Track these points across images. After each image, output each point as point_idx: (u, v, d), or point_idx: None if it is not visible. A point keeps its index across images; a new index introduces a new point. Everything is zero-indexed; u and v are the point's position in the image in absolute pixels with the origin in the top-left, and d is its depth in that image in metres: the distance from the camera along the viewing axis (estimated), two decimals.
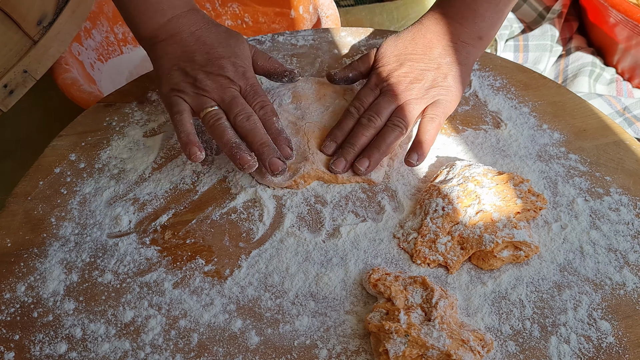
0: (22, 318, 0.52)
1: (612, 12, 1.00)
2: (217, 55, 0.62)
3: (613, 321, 0.51)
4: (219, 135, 0.59)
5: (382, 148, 0.61)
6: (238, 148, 0.58)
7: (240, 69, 0.62)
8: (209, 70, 0.61)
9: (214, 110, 0.60)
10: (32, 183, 0.62)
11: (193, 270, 0.55)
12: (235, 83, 0.61)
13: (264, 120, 0.61)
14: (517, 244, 0.54)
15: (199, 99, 0.60)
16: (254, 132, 0.59)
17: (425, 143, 0.61)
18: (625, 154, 0.64)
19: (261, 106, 0.62)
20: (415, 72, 0.63)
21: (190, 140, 0.58)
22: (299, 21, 1.07)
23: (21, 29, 0.78)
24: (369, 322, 0.49)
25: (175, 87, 0.61)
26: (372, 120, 0.62)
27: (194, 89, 0.61)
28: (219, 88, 0.61)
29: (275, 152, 0.59)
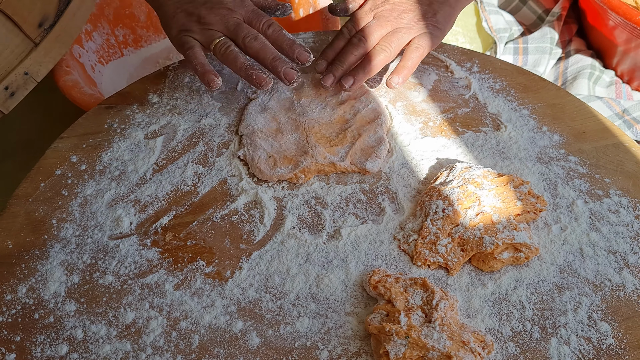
0: (24, 319, 0.52)
1: (611, 15, 1.00)
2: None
3: (613, 323, 0.51)
4: (232, 60, 0.63)
5: (367, 68, 0.65)
6: (252, 69, 0.62)
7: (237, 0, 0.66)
8: (209, 6, 0.65)
9: (222, 40, 0.64)
10: (33, 185, 0.62)
11: (194, 271, 0.55)
12: (236, 12, 0.65)
13: (273, 37, 0.64)
14: (517, 246, 0.54)
15: (206, 33, 0.64)
16: (264, 50, 0.63)
17: (407, 68, 0.66)
18: (625, 156, 0.65)
19: (268, 25, 0.65)
20: (409, 3, 0.67)
21: (206, 69, 0.62)
22: (300, 23, 1.08)
23: (22, 32, 0.78)
24: (370, 324, 0.49)
25: (183, 28, 0.65)
26: (362, 41, 0.66)
27: (199, 26, 0.64)
28: (222, 19, 0.64)
29: (287, 63, 0.62)
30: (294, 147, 0.64)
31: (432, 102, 0.71)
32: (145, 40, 1.11)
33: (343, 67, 0.66)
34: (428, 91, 0.72)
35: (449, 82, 0.73)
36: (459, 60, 0.76)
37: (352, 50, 0.66)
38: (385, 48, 0.66)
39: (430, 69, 0.75)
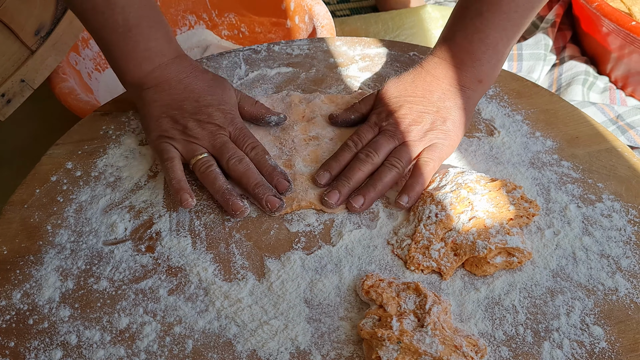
0: (18, 325, 0.52)
1: (605, 22, 1.01)
2: (205, 104, 0.63)
3: (605, 326, 0.51)
4: (211, 182, 0.60)
5: (378, 187, 0.60)
6: (230, 194, 0.59)
7: (228, 116, 0.63)
8: (198, 118, 0.62)
9: (205, 158, 0.61)
10: (29, 191, 0.62)
11: (188, 277, 0.55)
12: (225, 129, 0.62)
13: (256, 161, 0.62)
14: (510, 250, 0.54)
15: (189, 146, 0.61)
16: (248, 174, 0.60)
17: (417, 186, 0.60)
18: (618, 161, 0.65)
19: (252, 147, 0.62)
20: (414, 114, 0.63)
21: (181, 187, 0.59)
22: (295, 31, 1.08)
23: (19, 39, 0.79)
24: (362, 329, 0.49)
25: (165, 134, 0.62)
26: (370, 156, 0.61)
27: (184, 136, 0.62)
28: (209, 135, 0.62)
29: (270, 190, 0.59)
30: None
31: None
32: None
33: (350, 184, 0.60)
34: None
35: None
36: None
37: (359, 167, 0.61)
38: (396, 164, 0.61)
39: None
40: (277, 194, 0.60)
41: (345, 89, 0.74)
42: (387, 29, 1.19)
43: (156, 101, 0.63)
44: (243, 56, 0.79)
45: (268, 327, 0.51)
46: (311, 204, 0.60)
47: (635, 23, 0.95)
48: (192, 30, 1.19)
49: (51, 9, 0.83)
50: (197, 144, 0.62)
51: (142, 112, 0.65)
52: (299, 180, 0.62)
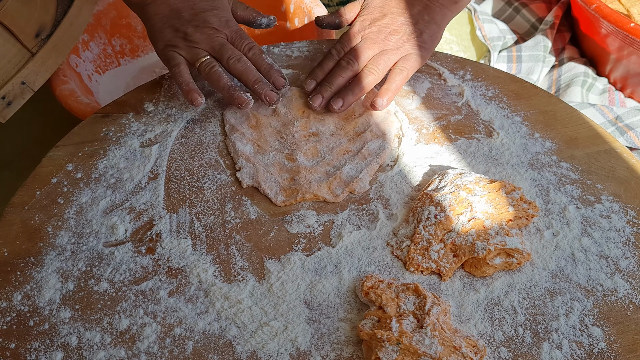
0: (18, 326, 0.52)
1: (604, 23, 1.01)
2: (200, 9, 0.68)
3: (604, 327, 0.52)
4: (216, 80, 0.65)
5: (355, 91, 0.67)
6: (234, 89, 0.65)
7: (223, 19, 0.68)
8: (195, 24, 0.67)
9: (207, 60, 0.66)
10: (30, 193, 0.63)
11: (188, 278, 0.56)
12: (221, 32, 0.68)
13: (253, 60, 0.67)
14: (509, 251, 0.55)
15: (192, 51, 0.67)
16: (247, 72, 0.65)
17: (391, 91, 0.67)
18: (616, 162, 0.65)
19: (249, 48, 0.68)
20: (395, 24, 0.69)
21: (190, 88, 0.65)
22: (295, 33, 1.09)
23: (19, 42, 0.79)
24: (361, 330, 0.49)
25: (169, 43, 0.67)
26: (350, 64, 0.68)
27: (186, 43, 0.67)
28: (208, 38, 0.67)
29: (268, 85, 0.65)
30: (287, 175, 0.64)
31: (426, 110, 0.72)
32: (142, 49, 1.12)
33: (332, 88, 0.68)
34: (421, 99, 0.73)
35: (442, 90, 0.74)
36: (452, 68, 0.77)
37: (340, 73, 0.68)
38: (373, 71, 0.68)
39: (423, 77, 0.76)
40: (275, 89, 0.66)
41: None
42: None
43: (157, 14, 0.68)
44: None
45: (268, 328, 0.51)
46: (315, 196, 0.61)
47: (634, 24, 0.95)
48: None
49: (51, 11, 0.84)
50: (199, 48, 0.67)
51: (147, 27, 0.70)
52: (302, 174, 0.63)
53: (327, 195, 0.61)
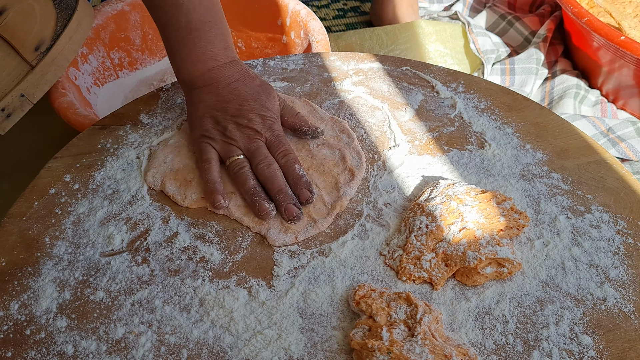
0: (15, 335, 0.53)
1: (595, 37, 1.02)
2: (248, 108, 0.66)
3: (594, 335, 0.52)
4: (242, 182, 0.63)
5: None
6: (258, 196, 0.61)
7: (267, 122, 0.66)
8: (238, 122, 0.65)
9: (239, 159, 0.64)
10: (28, 203, 0.63)
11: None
12: (262, 135, 0.65)
13: (285, 167, 0.64)
14: (500, 261, 0.55)
15: (227, 147, 0.65)
16: (273, 180, 0.62)
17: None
18: (606, 173, 0.66)
19: (284, 154, 0.65)
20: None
21: (215, 188, 0.62)
22: (291, 46, 1.10)
23: (19, 55, 0.80)
24: (352, 339, 0.50)
25: (206, 134, 0.66)
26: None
27: (223, 137, 0.65)
28: (246, 139, 0.65)
29: (291, 199, 0.61)
30: None
31: (419, 121, 0.73)
32: (140, 62, 1.13)
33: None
34: (414, 111, 0.74)
35: (435, 102, 0.75)
36: (444, 80, 0.78)
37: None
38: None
39: (416, 89, 0.77)
40: (298, 203, 0.62)
41: (339, 103, 0.76)
42: (382, 44, 1.20)
43: (203, 101, 0.67)
44: None
45: (262, 337, 0.52)
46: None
47: (625, 38, 0.97)
48: None
49: (51, 25, 0.85)
50: (234, 146, 0.65)
51: (189, 110, 0.69)
52: None
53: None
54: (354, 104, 0.76)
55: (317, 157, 0.67)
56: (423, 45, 1.19)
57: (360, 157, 0.67)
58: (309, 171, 0.66)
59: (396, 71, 0.80)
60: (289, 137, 0.69)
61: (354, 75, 0.80)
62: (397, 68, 0.81)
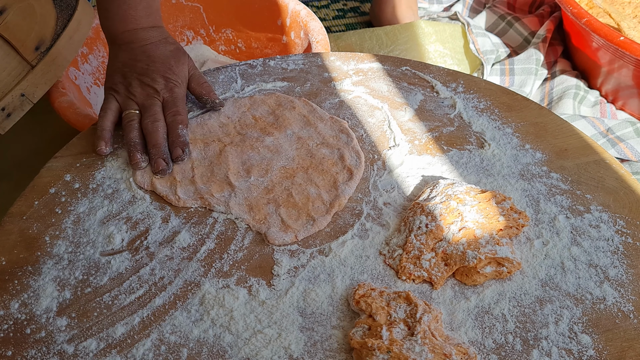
0: (15, 334, 0.53)
1: (594, 37, 1.03)
2: (153, 69, 0.71)
3: (593, 335, 0.52)
4: (126, 133, 0.68)
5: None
6: (134, 147, 0.67)
7: (170, 84, 0.71)
8: (142, 80, 0.71)
9: (132, 113, 0.70)
10: (28, 203, 0.63)
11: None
12: (160, 95, 0.71)
13: (170, 127, 0.69)
14: (499, 260, 0.56)
15: (127, 101, 0.71)
16: (152, 134, 0.67)
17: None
18: (606, 173, 0.66)
19: (173, 114, 0.69)
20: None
21: (102, 135, 0.68)
22: (291, 46, 1.10)
23: (19, 54, 0.80)
24: (352, 339, 0.50)
25: (113, 87, 0.72)
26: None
27: (126, 92, 0.71)
28: (145, 95, 0.70)
29: (162, 154, 0.66)
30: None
31: (418, 121, 0.73)
32: None
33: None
34: (414, 111, 0.74)
35: (435, 102, 0.76)
36: (444, 80, 0.78)
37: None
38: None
39: (416, 89, 0.77)
40: (169, 159, 0.66)
41: (339, 103, 0.76)
42: (381, 44, 1.21)
43: (117, 57, 0.73)
44: (239, 71, 0.81)
45: (262, 336, 0.52)
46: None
47: (624, 38, 0.97)
48: (190, 46, 1.21)
49: (51, 25, 0.85)
50: (133, 101, 0.70)
51: (108, 65, 0.75)
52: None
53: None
54: (354, 103, 0.76)
55: (316, 156, 0.68)
56: (423, 46, 1.19)
57: (359, 157, 0.67)
58: (308, 170, 0.66)
59: (396, 71, 0.80)
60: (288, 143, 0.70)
61: (353, 75, 0.80)
62: (397, 68, 0.81)
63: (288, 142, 0.69)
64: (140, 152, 0.66)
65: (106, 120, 0.69)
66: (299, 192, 0.64)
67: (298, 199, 0.63)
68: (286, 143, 0.69)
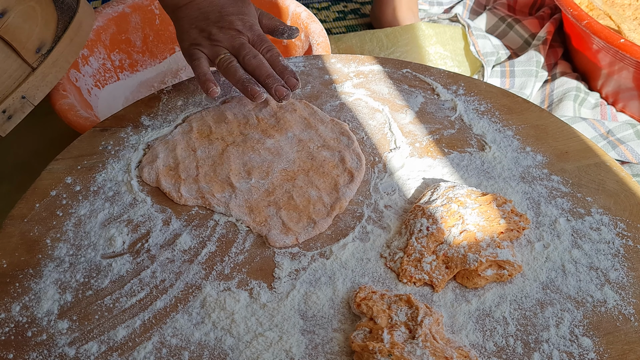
0: (17, 337, 0.53)
1: (595, 39, 1.03)
2: (227, 13, 0.72)
3: (594, 337, 0.52)
4: (232, 74, 0.69)
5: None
6: (248, 82, 0.67)
7: (247, 23, 0.72)
8: (221, 25, 0.71)
9: (226, 56, 0.70)
10: (29, 205, 0.63)
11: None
12: (244, 34, 0.72)
13: (270, 60, 0.70)
14: (500, 263, 0.56)
15: (214, 49, 0.71)
16: (260, 67, 0.68)
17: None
18: (606, 175, 0.66)
19: (267, 50, 0.71)
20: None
21: (207, 78, 0.68)
22: (292, 48, 1.10)
23: (20, 57, 0.80)
24: (353, 341, 0.50)
25: (194, 42, 0.72)
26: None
27: (209, 41, 0.71)
28: (230, 38, 0.71)
29: (279, 81, 0.67)
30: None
31: (419, 124, 0.73)
32: (141, 64, 1.13)
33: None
34: (415, 113, 0.74)
35: (436, 105, 0.76)
36: (445, 83, 0.78)
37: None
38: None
39: (417, 92, 0.77)
40: (286, 85, 0.67)
41: (340, 105, 0.76)
42: (382, 46, 1.21)
43: (187, 16, 0.73)
44: None
45: (263, 339, 0.52)
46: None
47: (624, 40, 0.97)
48: None
49: (52, 27, 0.85)
50: (220, 46, 0.71)
51: (176, 27, 0.75)
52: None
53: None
54: (355, 106, 0.76)
55: (317, 158, 0.68)
56: (423, 48, 1.19)
57: (359, 159, 0.67)
58: (309, 173, 0.66)
59: (397, 73, 0.80)
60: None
61: (354, 78, 0.80)
62: (398, 70, 0.81)
63: (289, 144, 0.69)
64: (257, 85, 0.67)
65: (203, 66, 0.70)
66: (299, 194, 0.64)
67: (299, 202, 0.63)
68: (287, 145, 0.69)
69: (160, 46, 1.15)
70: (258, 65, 0.68)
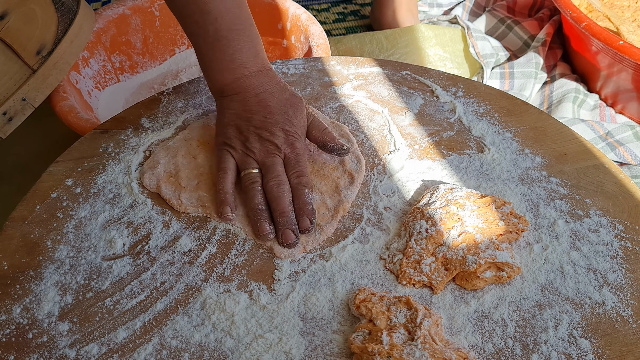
0: (17, 339, 0.53)
1: (594, 41, 1.03)
2: (272, 121, 0.65)
3: (593, 339, 0.53)
4: (250, 198, 0.62)
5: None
6: (261, 216, 0.61)
7: (290, 138, 0.65)
8: (261, 134, 0.65)
9: (253, 174, 0.64)
10: (29, 207, 0.64)
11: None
12: (282, 150, 0.65)
13: (295, 189, 0.63)
14: (499, 265, 0.56)
15: (245, 158, 0.65)
16: (279, 200, 0.61)
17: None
18: (605, 177, 0.67)
19: (297, 176, 0.64)
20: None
21: (226, 199, 0.62)
22: (291, 50, 1.11)
23: (21, 59, 0.80)
24: (352, 343, 0.50)
25: (228, 142, 0.66)
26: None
27: (243, 148, 0.65)
28: (265, 152, 0.64)
29: (291, 224, 0.60)
30: None
31: (418, 126, 0.73)
32: (141, 66, 1.13)
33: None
34: (414, 115, 0.75)
35: (435, 107, 0.76)
36: (444, 85, 0.79)
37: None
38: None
39: (416, 94, 0.78)
40: (297, 229, 0.60)
41: (339, 107, 0.76)
42: (382, 48, 1.21)
43: (230, 109, 0.67)
44: None
45: (262, 341, 0.52)
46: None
47: (623, 42, 0.97)
48: (191, 49, 1.21)
49: (52, 29, 0.85)
50: (252, 158, 0.65)
51: (217, 116, 0.69)
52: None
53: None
54: (354, 108, 0.76)
55: (317, 161, 0.68)
56: (423, 49, 1.20)
57: (359, 161, 0.68)
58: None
59: (396, 75, 0.81)
60: None
61: (354, 80, 0.80)
62: (397, 72, 0.81)
63: None
64: (269, 222, 0.60)
65: (227, 182, 0.63)
66: None
67: None
68: None
69: (161, 48, 1.15)
70: (278, 196, 0.61)
